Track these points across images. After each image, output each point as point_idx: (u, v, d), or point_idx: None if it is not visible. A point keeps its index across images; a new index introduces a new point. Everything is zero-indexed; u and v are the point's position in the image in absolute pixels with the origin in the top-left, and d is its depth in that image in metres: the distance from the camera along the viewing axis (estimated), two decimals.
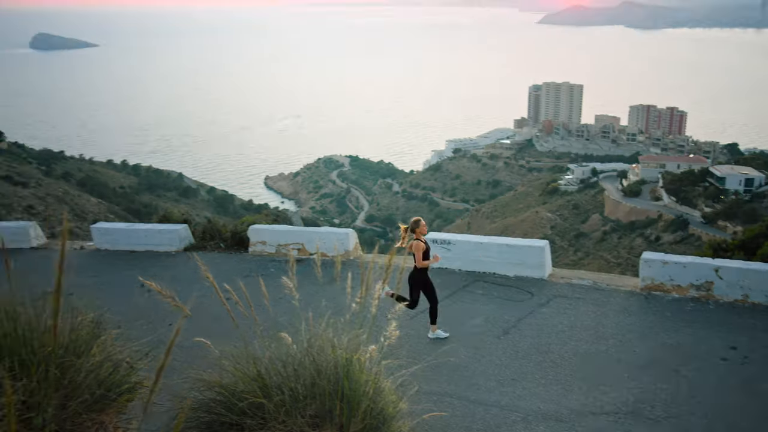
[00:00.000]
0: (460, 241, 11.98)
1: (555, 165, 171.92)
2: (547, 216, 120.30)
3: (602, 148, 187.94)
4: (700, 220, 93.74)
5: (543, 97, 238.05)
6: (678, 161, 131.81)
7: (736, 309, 9.72)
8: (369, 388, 4.26)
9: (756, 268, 9.82)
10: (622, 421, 7.05)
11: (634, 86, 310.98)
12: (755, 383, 7.67)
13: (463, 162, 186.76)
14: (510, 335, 9.28)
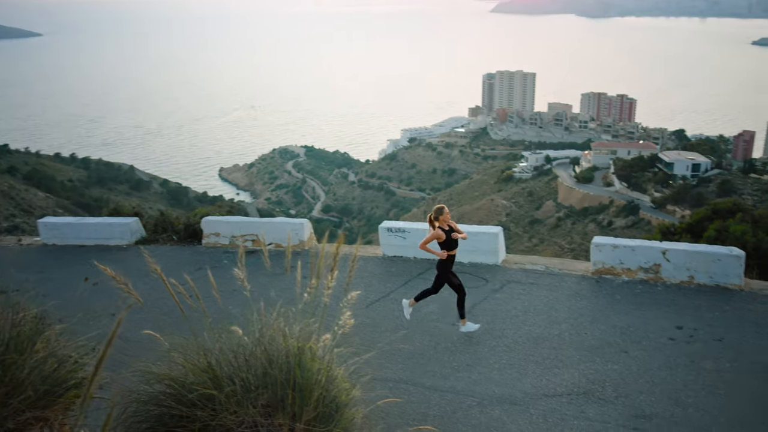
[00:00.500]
0: (414, 229, 12.02)
1: (509, 153, 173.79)
2: (502, 203, 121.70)
3: (555, 136, 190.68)
4: (650, 205, 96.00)
5: (497, 85, 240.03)
6: (628, 147, 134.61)
7: (682, 290, 9.99)
8: (321, 377, 4.25)
9: (701, 250, 10.09)
10: (575, 402, 7.18)
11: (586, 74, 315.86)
12: (700, 360, 7.90)
13: (418, 151, 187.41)
14: None
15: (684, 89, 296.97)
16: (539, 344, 8.56)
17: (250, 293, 4.85)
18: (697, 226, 20.76)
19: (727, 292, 9.78)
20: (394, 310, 9.86)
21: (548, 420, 6.88)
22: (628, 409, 7.00)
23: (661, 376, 7.61)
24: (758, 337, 8.38)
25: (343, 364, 4.70)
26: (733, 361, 7.86)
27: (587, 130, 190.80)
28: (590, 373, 7.79)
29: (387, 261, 12.04)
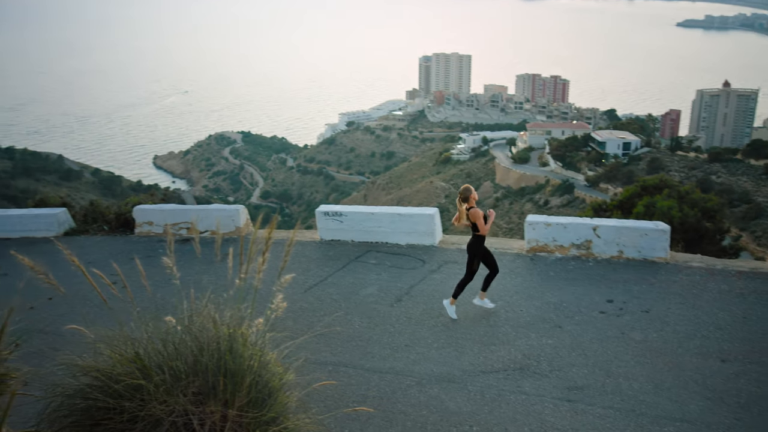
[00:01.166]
0: (351, 212, 12.00)
1: (447, 135, 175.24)
2: (441, 185, 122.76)
3: (492, 117, 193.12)
4: (585, 184, 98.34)
5: (433, 68, 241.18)
6: (563, 128, 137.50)
7: (612, 265, 10.29)
8: (254, 362, 4.21)
9: (629, 225, 10.40)
10: (512, 378, 7.33)
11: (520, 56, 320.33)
12: (629, 332, 8.17)
13: (357, 135, 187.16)
14: (403, 302, 9.43)
15: (614, 70, 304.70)
16: (476, 322, 8.69)
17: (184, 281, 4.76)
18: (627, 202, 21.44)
19: (654, 266, 10.12)
20: (333, 294, 9.85)
21: (485, 396, 7.00)
22: (562, 382, 7.19)
23: (593, 349, 7.84)
24: (682, 307, 8.71)
25: (276, 348, 4.67)
26: (659, 331, 8.15)
27: (523, 111, 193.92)
28: (526, 348, 7.96)
29: (324, 245, 12.01)
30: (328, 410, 6.30)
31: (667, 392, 6.86)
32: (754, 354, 7.49)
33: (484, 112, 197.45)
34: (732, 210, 71.89)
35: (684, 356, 7.54)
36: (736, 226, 70.54)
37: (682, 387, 6.95)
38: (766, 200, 78.23)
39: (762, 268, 9.87)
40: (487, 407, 6.81)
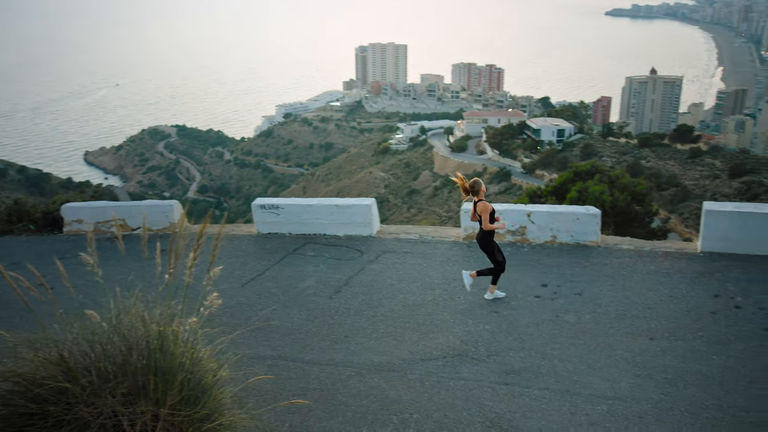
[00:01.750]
0: (288, 205, 11.90)
1: (385, 125, 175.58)
2: (380, 175, 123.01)
3: (429, 107, 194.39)
4: (521, 171, 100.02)
5: (370, 58, 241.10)
6: (498, 116, 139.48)
7: (546, 249, 10.51)
8: (185, 359, 4.12)
9: (561, 210, 10.63)
10: (450, 364, 7.42)
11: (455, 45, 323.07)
12: (563, 315, 8.37)
13: (294, 126, 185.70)
14: (342, 294, 9.42)
15: (547, 58, 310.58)
16: (415, 311, 8.75)
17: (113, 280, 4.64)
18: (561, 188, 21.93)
19: (586, 249, 10.38)
20: (271, 288, 9.76)
21: (425, 383, 7.07)
22: (500, 366, 7.31)
23: (529, 333, 8.00)
24: (613, 289, 8.97)
25: (210, 344, 4.59)
26: (591, 312, 8.38)
27: (459, 100, 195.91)
28: (463, 335, 8.06)
29: (262, 239, 11.88)
30: (267, 404, 6.25)
31: (600, 371, 7.07)
32: (679, 331, 7.78)
33: (422, 102, 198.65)
34: (661, 193, 74.34)
35: (615, 336, 7.78)
36: (665, 209, 73.04)
37: (613, 366, 7.16)
38: (692, 183, 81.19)
39: (686, 249, 10.24)
40: (426, 394, 6.88)
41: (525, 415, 6.42)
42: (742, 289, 8.73)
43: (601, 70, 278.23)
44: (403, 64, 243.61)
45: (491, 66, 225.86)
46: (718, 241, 9.85)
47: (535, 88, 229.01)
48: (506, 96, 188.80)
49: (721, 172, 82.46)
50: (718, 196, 73.40)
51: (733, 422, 6.12)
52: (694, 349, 7.40)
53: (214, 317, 4.74)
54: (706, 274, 9.22)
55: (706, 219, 9.93)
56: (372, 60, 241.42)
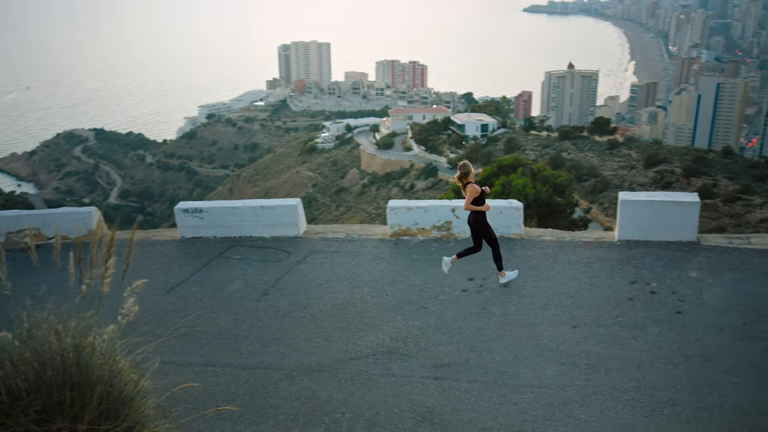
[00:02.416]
0: (212, 208, 11.69)
1: (311, 124, 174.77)
2: (307, 174, 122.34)
3: (354, 104, 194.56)
4: (447, 166, 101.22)
5: (293, 56, 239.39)
6: (423, 112, 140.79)
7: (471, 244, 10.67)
8: (104, 372, 3.99)
9: None
10: (380, 361, 7.46)
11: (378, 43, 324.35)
12: (489, 307, 8.54)
13: (218, 127, 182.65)
14: (270, 296, 9.33)
15: (469, 54, 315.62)
16: (344, 310, 8.75)
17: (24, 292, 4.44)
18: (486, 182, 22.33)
19: (510, 242, 10.60)
20: (197, 293, 9.57)
21: (356, 382, 7.09)
22: (429, 361, 7.41)
23: (457, 326, 8.12)
24: (537, 280, 9.21)
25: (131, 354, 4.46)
26: (517, 304, 8.58)
27: (384, 97, 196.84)
28: (393, 331, 8.12)
29: (186, 243, 11.63)
30: (195, 412, 6.13)
31: (526, 361, 7.25)
32: (600, 318, 8.06)
33: (347, 100, 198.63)
34: (581, 184, 76.66)
35: (540, 326, 7.99)
36: (586, 199, 75.43)
37: (538, 355, 7.36)
38: (611, 174, 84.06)
39: (605, 238, 10.61)
40: (357, 393, 6.90)
41: (455, 407, 6.53)
42: (657, 275, 9.11)
43: (521, 66, 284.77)
44: (326, 62, 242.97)
45: (414, 63, 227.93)
46: (634, 229, 10.25)
47: (458, 84, 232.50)
48: (430, 92, 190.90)
49: (636, 162, 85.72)
50: (635, 186, 76.35)
51: (650, 402, 6.39)
52: (614, 334, 7.68)
53: (137, 326, 4.62)
54: (624, 262, 9.58)
55: (621, 209, 10.31)
56: (295, 58, 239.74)
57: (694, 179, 74.33)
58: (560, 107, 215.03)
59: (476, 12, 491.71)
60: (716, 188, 70.35)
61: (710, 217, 60.07)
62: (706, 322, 7.80)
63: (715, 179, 74.37)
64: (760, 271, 9.03)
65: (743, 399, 6.38)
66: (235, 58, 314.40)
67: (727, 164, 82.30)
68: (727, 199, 65.45)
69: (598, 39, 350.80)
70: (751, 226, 55.15)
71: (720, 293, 8.47)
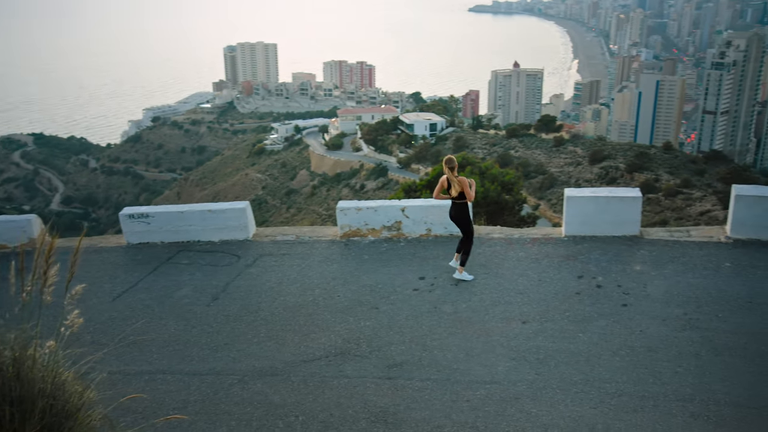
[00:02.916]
0: (159, 213, 11.48)
1: (259, 125, 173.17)
2: (257, 177, 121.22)
3: (302, 105, 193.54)
4: (397, 166, 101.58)
5: (239, 57, 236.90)
6: (372, 112, 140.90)
7: (422, 243, 10.75)
8: (46, 384, 3.87)
9: (435, 204, 10.86)
10: (333, 363, 7.45)
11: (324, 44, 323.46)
12: (440, 305, 8.61)
13: (164, 130, 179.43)
14: (220, 300, 9.21)
15: (416, 54, 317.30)
16: (295, 312, 8.71)
17: None
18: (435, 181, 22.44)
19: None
20: (144, 300, 9.39)
21: (309, 384, 7.07)
22: (382, 361, 7.43)
23: (409, 325, 8.16)
24: (487, 277, 9.32)
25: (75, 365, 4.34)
26: (467, 301, 8.66)
27: (332, 98, 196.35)
28: (345, 332, 8.11)
29: (132, 249, 11.39)
30: (145, 421, 6.02)
31: (478, 358, 7.33)
32: (549, 313, 8.21)
33: (295, 101, 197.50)
34: (529, 181, 77.83)
35: (490, 322, 8.09)
36: (534, 196, 76.67)
37: (490, 351, 7.45)
38: (557, 170, 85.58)
39: (552, 234, 10.80)
40: (311, 395, 6.88)
41: (409, 406, 6.56)
42: (602, 269, 9.32)
43: (468, 65, 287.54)
44: (273, 63, 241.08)
45: (362, 63, 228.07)
46: (580, 225, 10.46)
47: (406, 83, 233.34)
48: (379, 92, 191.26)
49: (582, 159, 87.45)
50: (581, 182, 77.90)
51: (598, 394, 6.55)
52: (563, 328, 7.83)
53: (82, 336, 4.50)
54: (571, 257, 9.77)
55: (567, 205, 10.52)
56: (241, 59, 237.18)
57: (637, 174, 76.24)
58: (507, 106, 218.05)
59: (422, 12, 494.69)
60: (658, 183, 72.31)
61: (653, 211, 61.74)
62: (650, 314, 8.02)
63: (657, 174, 76.43)
64: (700, 263, 9.33)
65: (685, 387, 6.59)
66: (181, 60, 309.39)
67: (668, 159, 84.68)
68: (669, 193, 67.34)
69: (542, 38, 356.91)
70: (692, 219, 56.89)
71: (662, 285, 8.72)
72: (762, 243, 9.84)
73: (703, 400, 6.36)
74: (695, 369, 6.88)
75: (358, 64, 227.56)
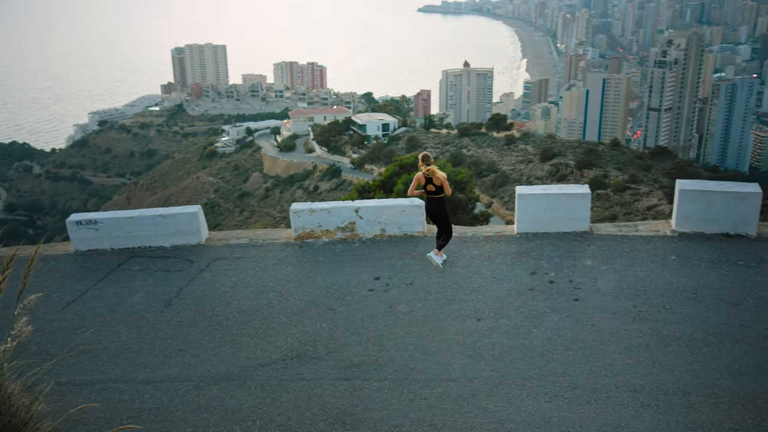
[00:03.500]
0: (108, 219, 11.23)
1: (210, 128, 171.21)
2: (209, 180, 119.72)
3: (253, 107, 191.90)
4: (350, 166, 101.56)
5: (187, 59, 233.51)
6: (324, 113, 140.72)
7: (376, 243, 10.76)
8: None
9: (388, 204, 10.94)
10: (290, 366, 7.41)
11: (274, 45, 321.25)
12: (396, 305, 8.64)
13: (111, 134, 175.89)
14: (173, 306, 9.07)
15: (367, 55, 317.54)
16: (250, 316, 8.63)
17: None
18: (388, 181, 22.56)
19: (414, 240, 10.76)
20: (95, 308, 9.18)
21: (266, 388, 7.02)
22: (339, 362, 7.42)
23: (365, 326, 8.17)
24: (441, 276, 9.39)
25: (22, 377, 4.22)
26: (423, 300, 8.71)
27: (284, 100, 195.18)
28: (301, 335, 8.07)
29: (81, 256, 11.12)
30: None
31: (434, 356, 7.39)
32: (503, 309, 8.31)
33: (246, 103, 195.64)
34: (482, 180, 78.66)
35: (446, 321, 8.15)
36: (487, 194, 77.54)
37: (446, 349, 7.51)
38: (509, 168, 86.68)
39: (504, 232, 10.94)
40: (268, 399, 6.83)
41: (366, 407, 6.57)
42: (554, 265, 9.48)
43: (419, 65, 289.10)
44: (223, 64, 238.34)
45: (313, 64, 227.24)
46: (531, 222, 10.62)
47: (357, 84, 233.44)
48: (330, 93, 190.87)
49: (533, 156, 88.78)
50: (533, 179, 79.07)
51: (552, 388, 6.66)
52: (517, 324, 7.94)
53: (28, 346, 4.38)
54: (523, 254, 9.91)
55: (518, 203, 10.67)
56: (190, 61, 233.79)
57: (586, 171, 77.76)
58: (458, 105, 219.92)
59: (372, 12, 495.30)
60: (607, 179, 73.90)
61: (603, 207, 63.06)
62: (601, 308, 8.20)
63: (605, 170, 78.07)
64: (648, 256, 9.57)
65: (636, 378, 6.76)
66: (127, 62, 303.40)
67: (616, 156, 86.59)
68: (617, 188, 68.88)
69: (491, 38, 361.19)
70: (640, 214, 58.31)
71: (612, 279, 8.92)
72: (705, 236, 10.15)
73: (652, 390, 6.53)
74: (645, 360, 7.06)
75: (309, 65, 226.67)
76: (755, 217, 10.07)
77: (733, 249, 9.68)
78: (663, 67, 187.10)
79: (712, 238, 10.07)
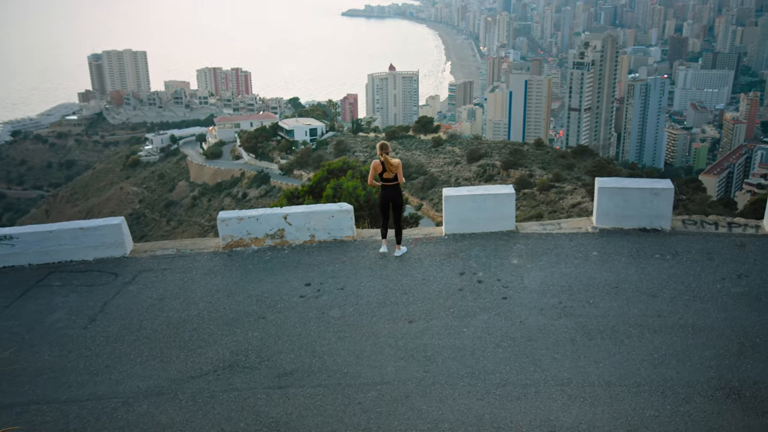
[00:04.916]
0: (25, 233, 10.79)
1: (132, 136, 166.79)
2: (133, 190, 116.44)
3: (177, 115, 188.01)
4: (279, 172, 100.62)
5: (106, 66, 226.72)
6: (251, 119, 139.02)
7: (306, 249, 10.72)
8: None
9: (316, 209, 10.92)
10: (222, 377, 7.31)
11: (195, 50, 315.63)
12: (327, 311, 8.63)
13: (26, 145, 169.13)
14: (98, 322, 8.80)
15: (293, 59, 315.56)
16: (179, 328, 8.46)
17: None
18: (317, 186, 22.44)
19: (343, 244, 10.78)
20: (12, 327, 8.81)
21: (198, 401, 6.90)
22: (272, 371, 7.36)
23: (297, 333, 8.13)
24: (372, 279, 9.44)
25: None
26: (354, 305, 8.74)
27: (209, 106, 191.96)
28: (233, 345, 7.97)
29: None
30: None
31: (367, 360, 7.42)
32: (434, 311, 8.42)
33: (169, 110, 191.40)
34: (411, 182, 79.29)
35: (378, 324, 8.20)
36: (416, 196, 78.23)
37: (378, 353, 7.56)
38: (438, 170, 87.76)
39: (433, 233, 11.09)
40: (200, 412, 6.72)
41: (301, 414, 6.55)
42: (482, 264, 9.67)
43: (344, 69, 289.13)
44: (144, 71, 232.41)
45: (237, 69, 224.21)
46: (459, 223, 10.80)
47: (284, 89, 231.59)
48: (256, 99, 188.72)
49: (460, 158, 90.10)
50: (461, 180, 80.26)
51: (484, 386, 6.80)
52: (448, 325, 8.06)
53: None
54: (452, 255, 10.07)
55: (445, 205, 10.83)
56: (109, 68, 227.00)
57: (513, 171, 79.48)
58: (385, 108, 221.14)
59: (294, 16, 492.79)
60: (532, 178, 75.72)
61: (529, 206, 64.58)
62: (528, 305, 8.41)
63: (531, 170, 79.98)
64: (571, 253, 9.88)
65: (563, 372, 6.97)
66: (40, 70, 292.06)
67: (540, 155, 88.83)
68: (543, 187, 70.67)
69: (415, 41, 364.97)
70: (565, 211, 60.00)
71: (538, 277, 9.17)
72: (624, 231, 10.55)
73: (579, 383, 6.75)
74: (571, 354, 7.29)
75: (233, 71, 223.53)
76: (669, 211, 10.54)
77: (650, 243, 10.11)
78: (581, 69, 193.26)
79: (630, 233, 10.48)
